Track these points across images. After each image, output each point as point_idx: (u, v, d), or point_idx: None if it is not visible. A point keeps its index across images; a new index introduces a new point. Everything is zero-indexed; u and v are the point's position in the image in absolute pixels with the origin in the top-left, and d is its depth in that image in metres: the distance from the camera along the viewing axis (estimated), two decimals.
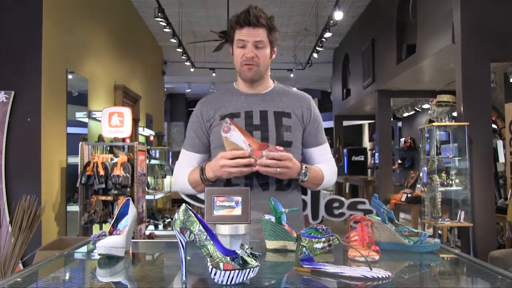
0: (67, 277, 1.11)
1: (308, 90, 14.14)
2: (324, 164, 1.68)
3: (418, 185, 7.38)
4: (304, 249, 1.07)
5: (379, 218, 1.31)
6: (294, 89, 1.74)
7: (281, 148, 1.45)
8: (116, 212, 1.29)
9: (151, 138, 7.95)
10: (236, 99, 1.64)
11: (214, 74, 9.61)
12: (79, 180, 3.89)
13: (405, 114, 9.32)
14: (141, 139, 7.36)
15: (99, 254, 1.20)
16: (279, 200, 1.55)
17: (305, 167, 1.54)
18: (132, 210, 1.27)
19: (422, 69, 5.73)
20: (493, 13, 4.32)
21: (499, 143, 5.94)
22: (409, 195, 6.26)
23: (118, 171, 3.86)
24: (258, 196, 1.53)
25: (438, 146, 4.49)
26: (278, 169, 1.45)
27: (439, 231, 4.72)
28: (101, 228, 4.02)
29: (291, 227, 1.33)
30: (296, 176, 1.53)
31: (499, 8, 4.32)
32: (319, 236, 1.16)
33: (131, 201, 1.29)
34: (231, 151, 1.44)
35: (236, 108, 1.62)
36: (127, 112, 4.18)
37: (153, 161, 6.25)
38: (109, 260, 1.18)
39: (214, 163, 1.51)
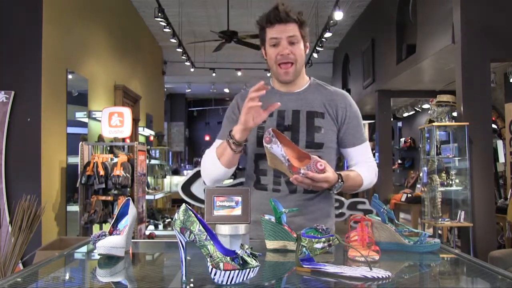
0: (67, 277, 1.11)
1: None
2: (364, 164, 1.62)
3: (418, 185, 7.38)
4: (304, 249, 1.07)
5: (379, 218, 1.31)
6: (330, 86, 1.68)
7: (322, 167, 1.35)
8: (116, 212, 1.29)
9: (151, 138, 7.95)
10: (270, 98, 1.58)
11: (214, 74, 9.61)
12: (79, 180, 3.88)
13: (405, 114, 9.31)
14: (141, 139, 7.37)
15: (99, 254, 1.20)
16: (306, 205, 1.55)
17: (341, 181, 1.45)
18: (132, 210, 1.27)
19: (422, 69, 5.73)
20: (493, 13, 4.32)
21: (499, 143, 5.94)
22: (409, 195, 6.27)
23: (118, 171, 3.86)
24: (285, 199, 1.52)
25: (438, 146, 4.49)
26: (310, 187, 1.40)
27: (439, 231, 4.72)
28: (101, 228, 4.02)
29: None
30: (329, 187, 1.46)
31: (499, 8, 4.33)
32: (319, 236, 1.16)
33: (131, 201, 1.29)
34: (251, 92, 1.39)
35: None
36: (127, 112, 4.18)
37: (153, 161, 6.25)
38: (109, 260, 1.18)
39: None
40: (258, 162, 1.58)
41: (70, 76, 4.45)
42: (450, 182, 4.48)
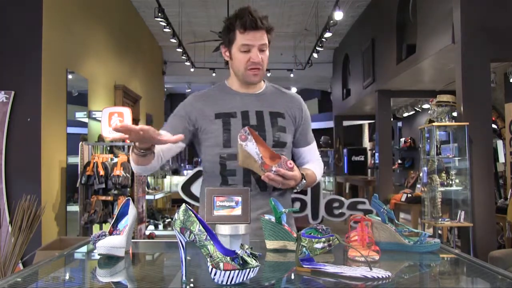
0: (67, 277, 1.11)
1: (308, 90, 14.15)
2: (315, 163, 1.73)
3: (418, 185, 7.38)
4: (304, 249, 1.07)
5: (379, 218, 1.31)
6: (284, 89, 1.75)
7: (291, 165, 1.44)
8: (116, 212, 1.29)
9: None
10: (230, 98, 1.64)
11: (214, 74, 9.61)
12: (79, 180, 3.89)
13: (405, 114, 9.31)
14: None
15: (99, 254, 1.20)
16: (277, 199, 1.57)
17: (304, 180, 1.54)
18: (132, 210, 1.27)
19: (422, 69, 5.73)
20: (493, 13, 4.32)
21: (499, 143, 5.94)
22: (409, 195, 6.26)
23: (118, 171, 3.86)
24: (256, 197, 1.55)
25: (438, 146, 4.49)
26: (279, 185, 1.46)
27: (439, 231, 4.72)
28: (101, 228, 4.02)
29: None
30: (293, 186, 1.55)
31: (499, 8, 4.32)
32: (319, 236, 1.16)
33: (131, 201, 1.29)
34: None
35: (232, 108, 1.61)
36: (127, 112, 4.18)
37: None
38: (109, 260, 1.18)
39: None
40: (226, 163, 1.58)
41: (70, 76, 4.46)
42: (450, 182, 4.47)
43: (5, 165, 3.63)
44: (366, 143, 12.56)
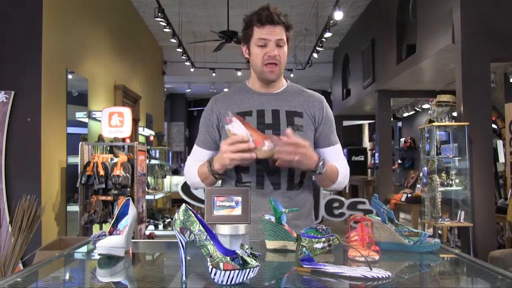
0: (67, 277, 1.11)
1: None
2: (338, 163, 1.67)
3: (418, 185, 7.38)
4: (304, 249, 1.07)
5: (379, 218, 1.31)
6: (306, 88, 1.73)
7: (285, 139, 1.43)
8: (116, 212, 1.29)
9: (151, 138, 7.95)
10: (248, 98, 1.64)
11: (214, 74, 9.61)
12: (79, 180, 3.89)
13: (405, 114, 9.31)
14: (141, 139, 7.37)
15: (99, 254, 1.20)
16: (290, 200, 1.58)
17: (322, 158, 1.53)
18: (132, 210, 1.27)
19: (422, 69, 5.73)
20: (493, 13, 4.32)
21: (499, 143, 5.94)
22: (409, 195, 6.26)
23: (118, 171, 3.86)
24: (270, 196, 1.53)
25: (438, 146, 4.49)
26: (296, 157, 1.43)
27: (439, 231, 4.72)
28: (101, 228, 4.02)
29: (303, 225, 1.33)
30: (314, 167, 1.51)
31: (499, 8, 4.33)
32: (319, 236, 1.16)
33: (131, 201, 1.29)
34: (232, 137, 1.44)
35: (248, 107, 1.61)
36: (127, 112, 4.18)
37: (153, 161, 6.25)
38: (109, 260, 1.18)
39: (219, 153, 1.51)
40: None
41: (70, 76, 4.46)
42: (450, 182, 4.48)
43: (5, 165, 3.63)
44: (366, 143, 12.55)
